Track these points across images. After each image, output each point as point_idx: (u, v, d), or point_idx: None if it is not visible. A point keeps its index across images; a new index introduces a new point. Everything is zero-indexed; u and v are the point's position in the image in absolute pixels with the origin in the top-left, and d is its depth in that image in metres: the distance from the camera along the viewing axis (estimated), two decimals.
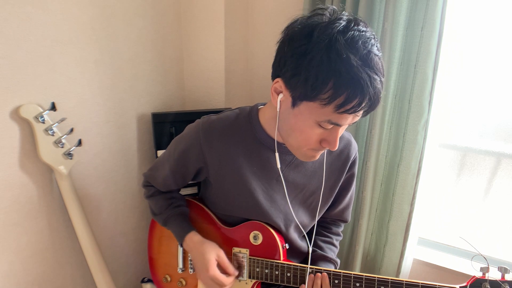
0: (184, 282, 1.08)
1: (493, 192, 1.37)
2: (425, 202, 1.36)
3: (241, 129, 0.90)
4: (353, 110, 0.68)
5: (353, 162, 0.99)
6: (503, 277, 0.79)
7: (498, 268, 0.79)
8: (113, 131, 1.28)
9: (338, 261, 1.05)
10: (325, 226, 1.11)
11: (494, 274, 0.80)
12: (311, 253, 1.04)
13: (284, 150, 0.89)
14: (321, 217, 1.07)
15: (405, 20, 1.17)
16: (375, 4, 1.22)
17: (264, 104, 0.92)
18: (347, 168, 0.98)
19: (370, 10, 1.22)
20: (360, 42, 0.66)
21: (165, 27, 1.41)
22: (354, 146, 0.99)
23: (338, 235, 1.11)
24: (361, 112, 0.71)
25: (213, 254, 0.93)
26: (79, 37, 1.10)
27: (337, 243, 1.09)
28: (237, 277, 0.98)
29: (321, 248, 1.05)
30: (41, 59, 1.02)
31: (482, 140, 1.35)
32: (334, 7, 0.72)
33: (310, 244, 0.98)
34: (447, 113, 1.32)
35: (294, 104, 0.74)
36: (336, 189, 1.00)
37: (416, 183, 1.28)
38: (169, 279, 1.11)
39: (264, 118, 0.88)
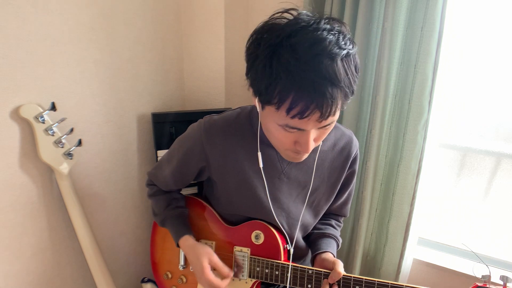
0: (184, 279, 1.08)
1: (493, 192, 1.37)
2: (425, 202, 1.36)
3: (242, 128, 0.91)
4: (300, 116, 0.66)
5: (354, 159, 1.00)
6: (505, 285, 0.78)
7: (500, 277, 0.79)
8: (113, 131, 1.28)
9: (340, 239, 1.06)
10: (324, 216, 1.10)
11: (495, 282, 0.79)
12: (310, 236, 1.05)
13: None
14: None
15: (405, 20, 1.17)
16: (375, 4, 1.22)
17: None
18: (348, 165, 0.98)
19: (370, 10, 1.22)
20: (307, 44, 0.63)
21: (165, 27, 1.41)
22: (355, 143, 0.99)
23: (338, 221, 1.12)
24: (314, 116, 0.67)
25: (205, 258, 0.93)
26: (79, 37, 1.10)
27: (336, 227, 1.10)
28: (236, 275, 0.98)
29: (318, 229, 1.05)
30: (41, 59, 1.02)
31: (482, 140, 1.35)
32: (298, 9, 0.71)
33: (292, 245, 0.97)
34: (447, 113, 1.32)
35: (261, 107, 0.75)
36: (337, 186, 1.00)
37: (416, 183, 1.28)
38: (170, 275, 1.11)
39: None
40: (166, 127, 1.36)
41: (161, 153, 1.36)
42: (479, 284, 0.80)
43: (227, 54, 1.46)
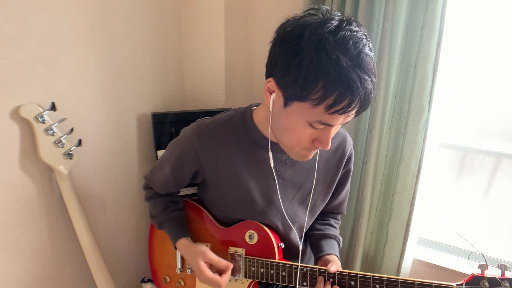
0: (182, 283, 1.08)
1: (493, 192, 1.37)
2: (425, 202, 1.36)
3: (235, 130, 0.90)
4: (343, 111, 0.69)
5: (349, 158, 1.00)
6: (503, 274, 0.78)
7: (498, 265, 0.78)
8: (113, 131, 1.28)
9: (341, 238, 1.07)
10: (321, 214, 1.11)
11: (493, 272, 0.79)
12: (311, 237, 1.06)
13: (279, 149, 0.89)
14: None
15: (405, 20, 1.17)
16: (375, 4, 1.22)
17: (258, 105, 0.92)
18: (343, 164, 0.99)
19: (370, 10, 1.22)
20: (351, 42, 0.66)
21: (165, 27, 1.41)
22: (350, 142, 0.99)
23: (336, 219, 1.13)
24: (352, 112, 0.71)
25: (200, 258, 0.93)
26: (79, 37, 1.10)
27: (336, 225, 1.10)
28: (233, 275, 0.98)
29: (319, 230, 1.06)
30: (41, 59, 1.02)
31: (482, 140, 1.35)
32: (327, 7, 0.72)
33: (300, 242, 0.97)
34: (447, 113, 1.32)
35: (285, 104, 0.74)
36: (333, 186, 1.00)
37: (416, 183, 1.28)
38: (168, 279, 1.11)
39: (258, 118, 0.89)
40: (166, 127, 1.36)
41: (161, 153, 1.35)
42: (477, 274, 0.79)
43: (227, 54, 1.46)
